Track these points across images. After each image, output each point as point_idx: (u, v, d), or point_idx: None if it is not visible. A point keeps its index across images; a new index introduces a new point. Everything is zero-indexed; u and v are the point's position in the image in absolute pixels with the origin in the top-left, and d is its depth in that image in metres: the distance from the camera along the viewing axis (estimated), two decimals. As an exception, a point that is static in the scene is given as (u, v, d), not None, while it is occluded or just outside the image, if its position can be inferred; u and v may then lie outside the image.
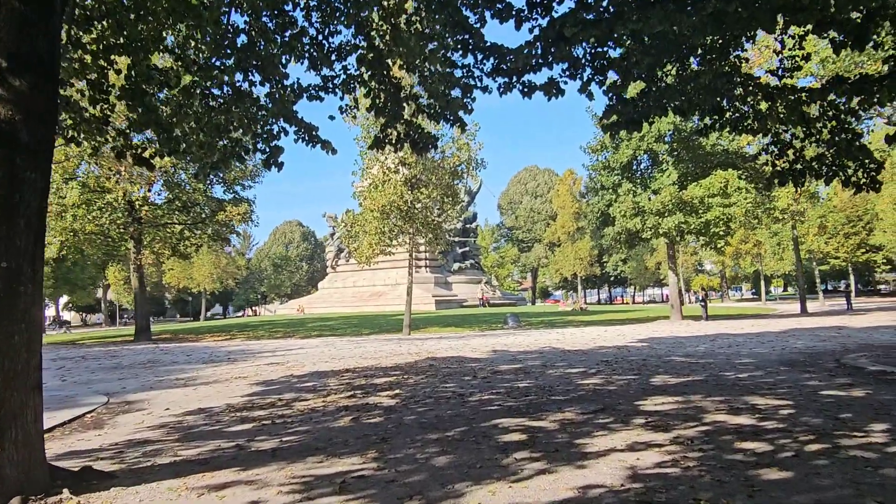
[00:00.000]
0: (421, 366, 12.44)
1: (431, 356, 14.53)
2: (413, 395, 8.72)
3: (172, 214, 28.90)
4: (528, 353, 14.69)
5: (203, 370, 13.86)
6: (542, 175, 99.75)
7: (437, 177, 27.05)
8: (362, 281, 54.44)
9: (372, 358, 14.69)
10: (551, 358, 13.17)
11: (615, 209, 28.47)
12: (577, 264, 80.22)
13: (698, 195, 26.46)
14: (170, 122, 8.68)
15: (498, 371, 11.08)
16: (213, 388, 10.83)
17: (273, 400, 8.95)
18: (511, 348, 16.14)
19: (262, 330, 33.08)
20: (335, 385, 10.20)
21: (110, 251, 29.36)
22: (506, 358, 13.58)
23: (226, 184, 29.20)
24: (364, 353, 16.36)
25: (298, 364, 14.00)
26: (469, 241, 58.93)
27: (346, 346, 19.59)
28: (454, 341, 20.08)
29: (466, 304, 51.33)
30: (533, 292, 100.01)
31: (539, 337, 20.71)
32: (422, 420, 6.84)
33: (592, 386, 8.85)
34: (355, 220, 26.68)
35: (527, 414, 6.89)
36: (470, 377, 10.37)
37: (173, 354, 18.80)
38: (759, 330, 20.22)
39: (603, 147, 29.46)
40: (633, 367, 11.08)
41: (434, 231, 27.24)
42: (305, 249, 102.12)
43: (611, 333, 21.32)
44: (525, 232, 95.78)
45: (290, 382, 10.92)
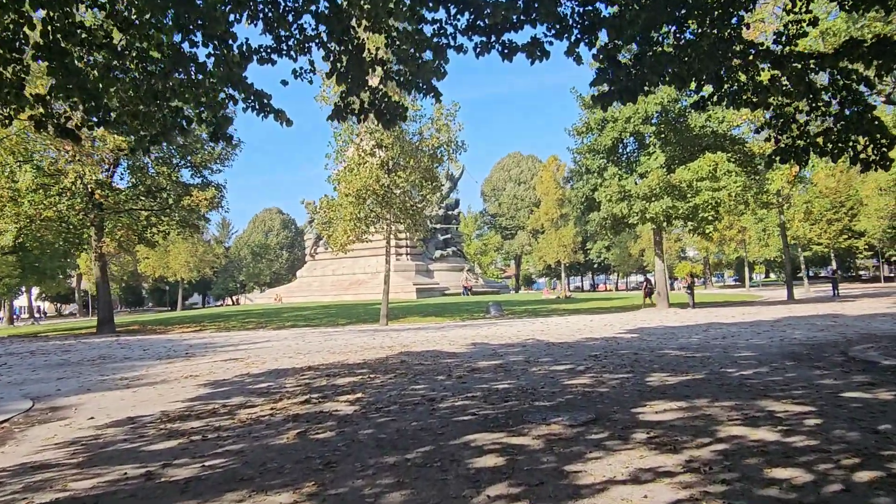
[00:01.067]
0: (391, 362, 11.31)
1: (405, 350, 13.41)
2: (376, 399, 7.59)
3: (137, 200, 27.36)
4: (510, 346, 13.62)
5: (154, 368, 12.62)
6: (525, 162, 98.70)
7: (415, 160, 25.84)
8: (342, 269, 53.11)
9: (340, 353, 13.53)
10: (535, 352, 12.11)
11: (601, 193, 27.46)
12: (560, 251, 79.36)
13: (686, 179, 25.52)
14: (97, 88, 7.45)
15: (476, 369, 9.98)
16: (157, 390, 9.63)
17: (216, 406, 7.78)
18: (492, 341, 15.07)
19: (234, 320, 31.77)
20: (291, 387, 9.04)
21: (71, 239, 27.72)
22: (485, 352, 12.49)
23: (193, 167, 27.67)
24: (333, 346, 15.20)
25: (259, 360, 12.81)
26: (451, 228, 57.77)
27: (317, 338, 18.41)
28: (432, 332, 18.98)
29: (449, 292, 50.25)
30: (517, 280, 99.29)
31: (522, 328, 19.68)
32: (380, 435, 5.71)
33: (581, 388, 7.78)
34: (330, 205, 25.38)
35: (506, 427, 5.78)
36: (444, 376, 9.25)
37: (130, 349, 17.49)
38: (752, 319, 19.35)
39: (588, 129, 28.38)
40: (625, 362, 10.03)
41: (413, 217, 26.05)
42: (286, 237, 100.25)
43: (597, 323, 20.35)
44: (508, 219, 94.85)
45: (243, 383, 9.74)
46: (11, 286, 48.87)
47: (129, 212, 27.87)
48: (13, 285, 48.74)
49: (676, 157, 27.55)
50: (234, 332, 24.88)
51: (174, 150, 26.44)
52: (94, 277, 26.96)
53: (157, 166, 26.02)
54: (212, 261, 78.99)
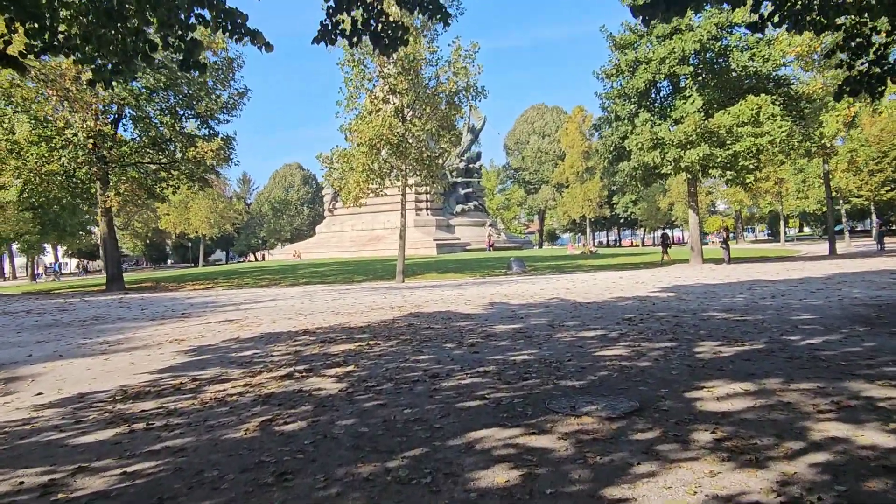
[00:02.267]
0: (398, 326, 10.08)
1: (415, 311, 12.18)
2: (370, 374, 6.35)
3: (144, 153, 26.22)
4: (532, 306, 12.30)
5: (143, 330, 11.59)
6: (549, 113, 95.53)
7: (431, 107, 24.19)
8: (360, 224, 52.00)
9: (345, 314, 12.35)
10: (560, 314, 10.76)
11: (631, 142, 25.55)
12: (585, 206, 77.29)
13: (726, 124, 23.46)
14: (39, 5, 6.14)
15: (491, 334, 8.69)
16: (133, 357, 8.56)
17: (184, 380, 6.63)
18: (512, 300, 13.75)
19: (248, 277, 30.97)
20: (278, 355, 7.86)
21: (78, 193, 26.83)
22: (504, 314, 11.19)
23: (199, 118, 26.33)
24: (339, 306, 14.04)
25: (255, 322, 11.70)
26: (473, 182, 55.99)
27: (325, 297, 17.30)
28: (449, 290, 17.74)
29: (470, 247, 48.95)
30: (540, 235, 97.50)
31: (545, 285, 18.31)
32: (361, 428, 4.46)
33: (617, 361, 6.44)
34: (342, 156, 23.95)
35: (523, 419, 4.48)
36: (453, 344, 7.98)
37: (128, 308, 16.58)
38: (799, 276, 17.71)
39: (618, 72, 26.27)
40: (665, 327, 8.65)
41: (430, 168, 24.53)
42: (306, 193, 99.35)
43: (627, 281, 18.89)
44: (532, 173, 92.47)
45: (228, 349, 8.60)
46: (32, 243, 48.78)
47: (136, 165, 26.79)
48: (33, 242, 48.63)
49: (715, 102, 25.40)
50: (244, 290, 23.98)
51: (177, 98, 25.08)
52: (102, 234, 26.12)
53: (160, 116, 24.73)
54: (232, 217, 78.49)
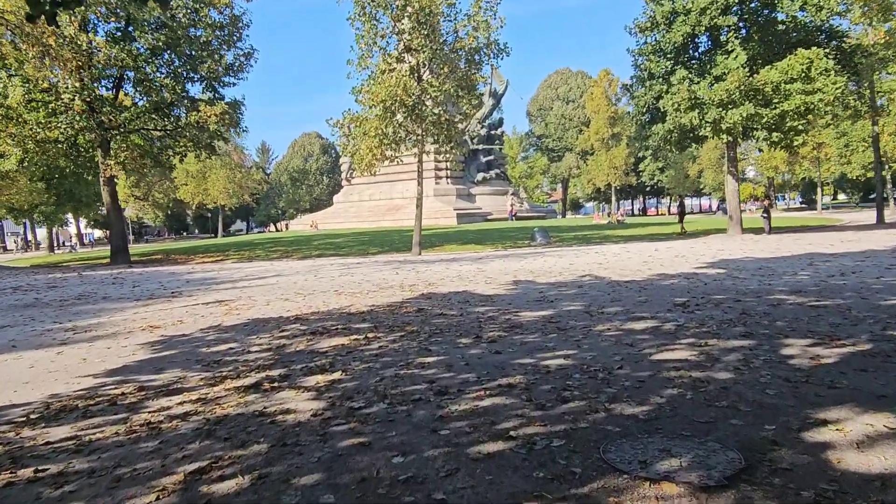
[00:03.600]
0: (405, 311, 8.59)
1: (428, 292, 10.67)
2: (359, 386, 4.88)
3: (148, 119, 24.83)
4: (562, 286, 10.71)
5: (122, 312, 10.30)
6: (574, 78, 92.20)
7: (449, 66, 22.36)
8: (379, 194, 50.43)
9: (349, 294, 10.90)
10: (596, 296, 9.17)
11: (666, 102, 23.51)
12: (611, 173, 74.79)
13: (773, 80, 21.29)
14: None
15: (516, 325, 7.16)
16: (90, 350, 7.24)
17: (128, 389, 5.26)
18: (538, 278, 12.18)
19: (261, 249, 29.78)
20: (256, 352, 6.45)
21: (81, 162, 25.64)
22: (530, 296, 9.63)
23: (204, 80, 24.78)
24: (345, 284, 12.60)
25: (247, 304, 10.31)
26: (494, 149, 53.83)
27: (332, 272, 15.89)
28: (468, 265, 16.21)
29: (491, 217, 47.17)
30: (563, 204, 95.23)
31: (574, 259, 16.68)
32: (323, 499, 2.98)
33: (685, 370, 4.86)
34: (354, 120, 22.30)
35: (569, 481, 2.96)
36: (469, 339, 6.46)
37: (120, 286, 15.35)
38: (858, 247, 15.83)
39: (654, 25, 24.07)
40: (731, 316, 7.03)
41: (447, 132, 22.79)
42: (325, 163, 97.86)
43: (664, 254, 17.16)
44: (555, 140, 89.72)
45: (201, 342, 7.22)
46: (48, 213, 48.19)
47: (140, 132, 25.45)
48: (49, 213, 48.01)
49: (759, 57, 23.17)
50: (252, 264, 22.74)
51: (180, 60, 23.56)
52: (105, 204, 24.97)
53: (160, 79, 23.18)
54: (251, 187, 77.54)
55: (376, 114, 21.60)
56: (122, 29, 23.03)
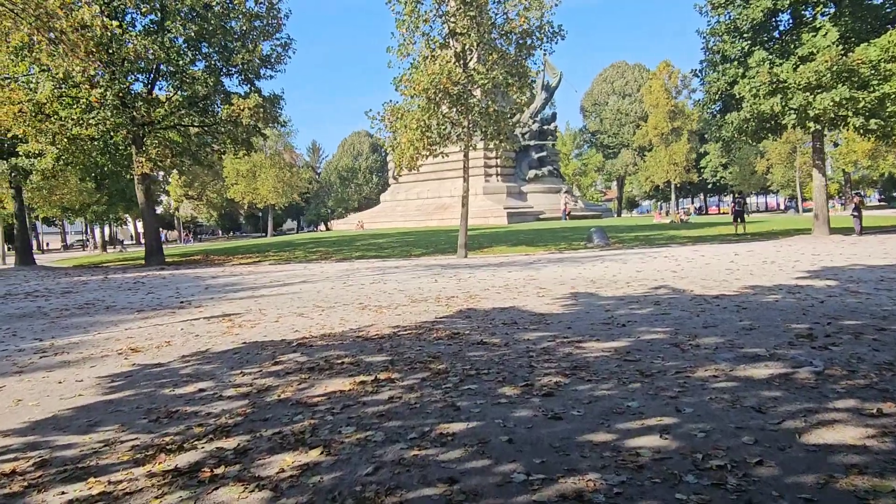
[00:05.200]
0: (437, 336, 6.79)
1: (468, 307, 8.85)
2: (337, 485, 3.12)
3: (185, 115, 23.87)
4: (632, 301, 8.71)
5: (113, 328, 8.90)
6: (631, 72, 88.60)
7: (498, 52, 20.49)
8: (426, 192, 48.92)
9: (374, 308, 9.18)
10: (682, 319, 7.15)
11: (742, 87, 20.95)
12: (671, 170, 71.07)
13: (872, 58, 18.51)
14: None
15: (580, 364, 5.26)
16: (41, 382, 5.84)
17: (16, 468, 3.65)
18: (601, 289, 10.18)
19: (301, 250, 28.60)
20: (228, 399, 4.80)
21: (119, 160, 24.94)
22: (594, 315, 7.69)
23: (240, 73, 23.65)
24: (374, 294, 10.90)
25: (253, 320, 8.73)
26: (546, 145, 51.43)
27: (365, 278, 14.26)
28: (517, 271, 14.31)
29: (544, 216, 44.94)
30: (619, 203, 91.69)
31: (641, 265, 14.54)
32: None
33: (868, 477, 2.89)
34: (393, 112, 20.67)
35: None
36: (516, 389, 4.61)
37: (133, 292, 14.12)
38: None
39: (728, 1, 21.52)
40: (888, 357, 4.96)
41: (496, 124, 20.88)
42: (374, 161, 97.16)
43: (748, 258, 14.82)
44: (611, 136, 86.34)
45: (171, 378, 5.63)
46: (99, 213, 48.61)
47: (176, 128, 24.55)
48: (101, 212, 48.41)
49: (852, 34, 20.35)
50: (288, 266, 21.46)
51: (213, 50, 22.47)
52: (140, 203, 24.16)
53: (193, 72, 22.06)
54: (300, 186, 77.40)
55: (418, 104, 19.93)
56: (158, 21, 22.12)
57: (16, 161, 24.52)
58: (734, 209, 26.92)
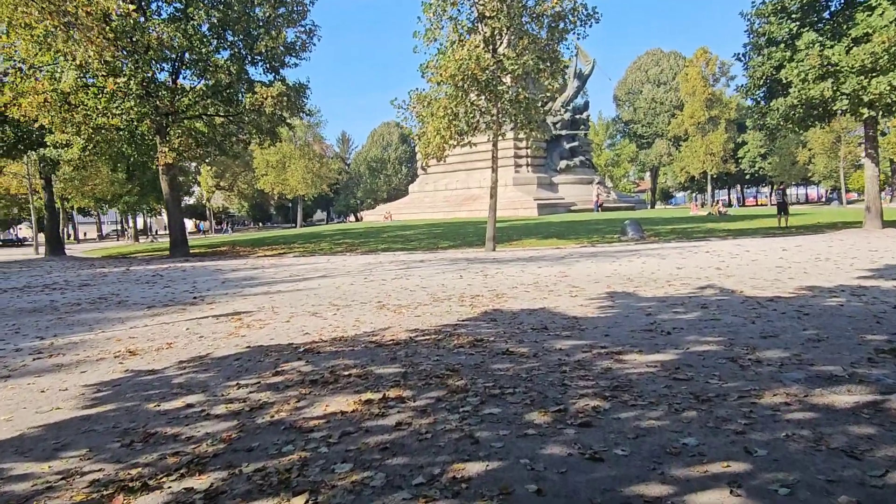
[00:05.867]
0: (458, 343, 6.10)
1: (494, 308, 8.14)
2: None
3: (210, 104, 23.52)
4: (677, 303, 7.90)
5: (120, 325, 8.44)
6: (666, 59, 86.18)
7: (529, 37, 19.61)
8: (455, 183, 48.17)
9: (393, 308, 8.54)
10: (735, 326, 6.33)
11: (790, 70, 19.70)
12: (707, 160, 69.01)
13: (935, 39, 17.14)
14: None
15: (621, 382, 4.51)
16: (23, 391, 5.40)
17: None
18: (640, 288, 9.37)
19: (327, 242, 28.20)
20: (215, 420, 4.20)
21: (145, 150, 24.77)
22: (634, 320, 6.91)
23: (265, 62, 23.18)
24: (394, 291, 10.26)
25: (263, 320, 8.17)
26: (578, 135, 50.12)
27: (387, 273, 13.64)
28: (548, 267, 13.54)
29: (575, 207, 43.84)
30: (652, 194, 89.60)
31: (681, 260, 13.63)
32: None
33: None
34: (419, 100, 19.97)
35: None
36: (546, 416, 3.89)
37: (150, 285, 13.74)
38: None
39: (775, -21, 20.23)
40: None
41: (526, 112, 20.01)
42: (404, 152, 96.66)
43: (798, 254, 13.78)
44: (645, 126, 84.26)
45: (159, 390, 5.07)
46: (131, 203, 49.14)
47: (202, 117, 24.24)
48: (132, 203, 48.93)
49: (911, 13, 18.91)
50: (313, 258, 21.02)
51: (237, 38, 22.02)
52: (165, 194, 23.96)
53: (215, 60, 21.62)
54: (329, 177, 77.34)
55: (445, 92, 19.20)
56: (181, 9, 21.77)
57: (44, 152, 24.56)
58: (777, 201, 25.59)
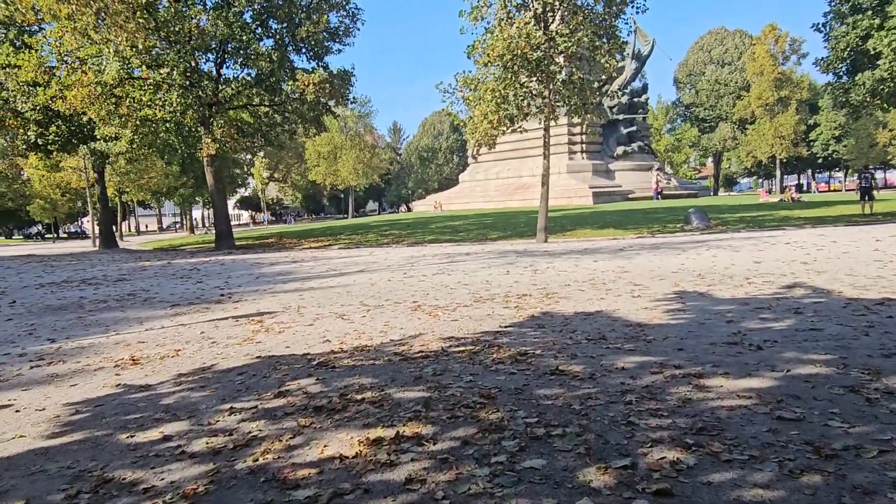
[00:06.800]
0: (497, 357, 5.10)
1: (544, 310, 7.09)
2: None
3: (254, 93, 23.13)
4: (761, 306, 6.66)
5: (137, 326, 7.84)
6: (731, 38, 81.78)
7: (584, 12, 18.28)
8: (507, 172, 46.88)
9: (429, 309, 7.60)
10: (841, 336, 5.11)
11: (879, 40, 17.63)
12: (776, 144, 65.16)
13: None
14: None
15: (706, 425, 3.42)
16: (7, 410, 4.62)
17: None
18: (714, 287, 8.12)
19: (374, 233, 27.60)
20: (189, 463, 3.35)
21: (192, 142, 24.66)
22: (712, 328, 5.74)
23: (309, 49, 22.55)
24: (433, 289, 9.33)
25: (285, 323, 7.38)
26: (637, 119, 47.91)
27: (429, 268, 12.73)
28: (605, 260, 12.34)
29: (633, 195, 41.90)
30: (716, 180, 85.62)
31: (758, 252, 12.19)
32: None
33: None
34: (466, 83, 18.91)
35: None
36: (607, 476, 2.87)
37: (184, 279, 13.29)
38: None
39: (863, -63, 18.13)
40: None
41: (580, 93, 18.68)
42: (455, 141, 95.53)
43: (893, 245, 12.12)
44: (707, 109, 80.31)
45: (143, 414, 4.29)
46: (186, 196, 49.98)
47: (247, 107, 23.90)
48: (187, 195, 49.76)
49: None
50: (357, 251, 20.39)
51: (280, 25, 21.45)
52: (209, 186, 23.80)
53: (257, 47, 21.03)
54: (380, 167, 77.11)
55: (494, 73, 18.10)
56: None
57: (94, 145, 24.78)
58: (861, 185, 23.34)
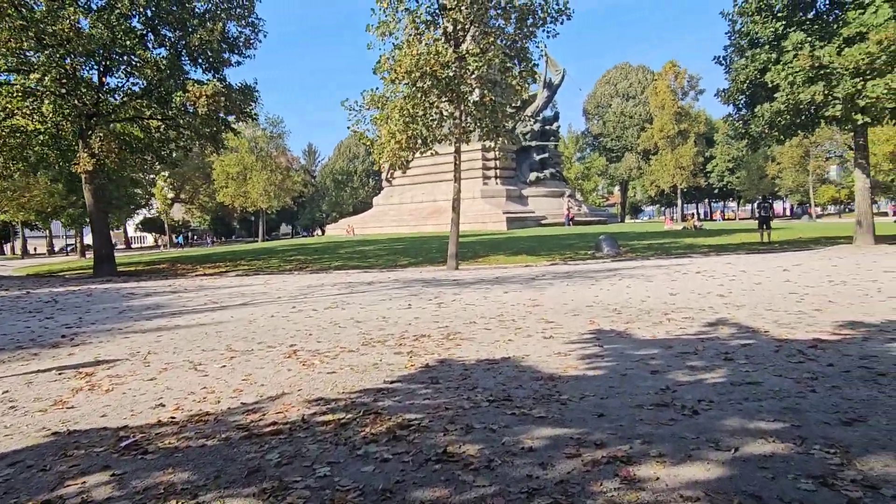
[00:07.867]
0: (374, 434, 3.92)
1: (442, 357, 5.98)
2: None
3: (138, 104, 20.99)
4: (687, 349, 5.85)
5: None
6: (634, 73, 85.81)
7: (495, 34, 17.76)
8: (421, 196, 46.09)
9: (306, 355, 6.31)
10: (785, 392, 4.30)
11: (776, 73, 18.17)
12: (677, 174, 68.27)
13: (936, 37, 15.72)
14: None
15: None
16: None
17: None
18: (633, 325, 7.32)
19: (277, 258, 25.78)
20: None
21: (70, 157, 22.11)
22: (635, 381, 4.83)
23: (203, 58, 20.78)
24: (319, 327, 8.02)
25: (128, 372, 5.87)
26: (549, 146, 48.56)
27: (323, 300, 11.37)
28: (517, 291, 11.47)
29: (546, 221, 42.13)
30: (622, 208, 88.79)
31: (671, 282, 11.69)
32: None
33: None
34: (373, 101, 17.86)
35: None
36: None
37: (31, 315, 11.25)
38: None
39: (760, -25, 18.75)
40: None
41: (493, 115, 18.07)
42: (371, 164, 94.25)
43: (805, 275, 11.97)
44: (614, 140, 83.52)
45: None
46: (75, 216, 45.80)
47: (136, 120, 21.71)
48: (76, 216, 45.59)
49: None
50: (254, 278, 18.65)
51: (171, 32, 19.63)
52: (88, 205, 21.34)
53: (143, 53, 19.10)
54: (293, 189, 74.51)
55: (402, 91, 17.16)
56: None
57: (-45, 161, 21.81)
58: (760, 214, 24.12)
